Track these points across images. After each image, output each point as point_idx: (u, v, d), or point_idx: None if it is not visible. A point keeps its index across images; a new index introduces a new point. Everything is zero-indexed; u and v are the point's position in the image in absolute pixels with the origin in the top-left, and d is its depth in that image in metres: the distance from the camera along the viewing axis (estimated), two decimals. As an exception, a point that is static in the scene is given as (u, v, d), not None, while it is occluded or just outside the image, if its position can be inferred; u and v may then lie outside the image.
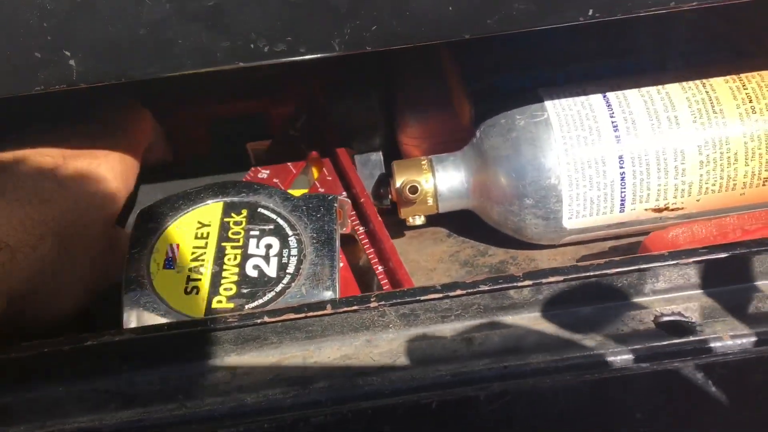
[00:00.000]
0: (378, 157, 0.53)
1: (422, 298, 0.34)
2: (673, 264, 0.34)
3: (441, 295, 0.34)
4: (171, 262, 0.42)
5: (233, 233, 0.43)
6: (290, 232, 0.43)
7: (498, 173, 0.46)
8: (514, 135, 0.45)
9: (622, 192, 0.44)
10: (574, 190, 0.44)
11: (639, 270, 0.35)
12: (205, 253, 0.42)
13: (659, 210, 0.45)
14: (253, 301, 0.40)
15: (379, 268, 0.48)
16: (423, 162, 0.49)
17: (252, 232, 0.43)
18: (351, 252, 0.50)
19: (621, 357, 0.32)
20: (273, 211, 0.44)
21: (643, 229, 0.47)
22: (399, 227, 0.54)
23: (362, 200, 0.50)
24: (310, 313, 0.34)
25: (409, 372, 0.33)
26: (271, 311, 0.35)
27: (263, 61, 0.35)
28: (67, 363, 0.35)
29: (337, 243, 0.43)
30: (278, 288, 0.40)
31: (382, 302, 0.34)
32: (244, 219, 0.44)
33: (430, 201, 0.48)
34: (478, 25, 0.35)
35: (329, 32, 0.34)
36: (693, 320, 0.34)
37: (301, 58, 0.35)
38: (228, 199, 0.44)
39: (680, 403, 0.33)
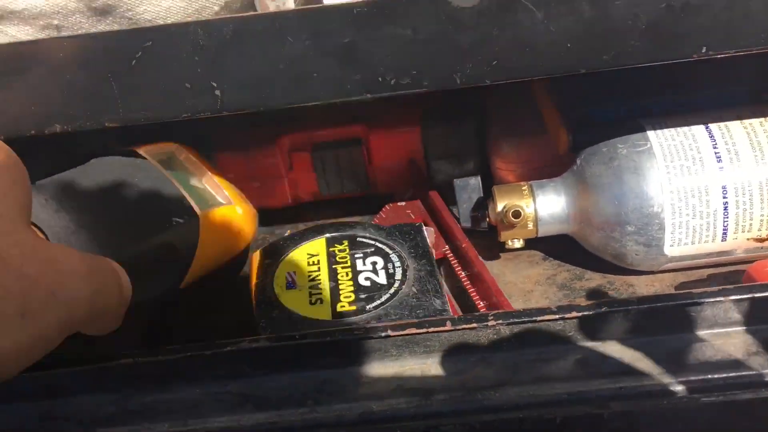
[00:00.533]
0: (476, 181, 0.55)
1: (538, 318, 0.36)
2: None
3: (556, 317, 0.36)
4: (292, 284, 0.46)
5: (340, 257, 0.48)
6: (390, 251, 0.48)
7: (600, 200, 0.47)
8: (617, 163, 0.47)
9: (724, 221, 0.45)
10: (677, 218, 0.45)
11: (751, 299, 0.36)
12: (319, 274, 0.47)
13: (761, 240, 0.46)
14: (372, 303, 0.44)
15: (473, 290, 0.50)
16: (524, 187, 0.51)
17: (356, 255, 0.48)
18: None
19: (740, 380, 0.34)
20: (370, 238, 0.50)
21: (744, 258, 0.48)
22: (494, 249, 0.55)
23: (462, 244, 0.52)
24: (432, 329, 0.37)
25: (526, 389, 0.35)
26: (394, 325, 0.37)
27: (389, 93, 0.38)
28: (206, 367, 0.38)
29: (434, 258, 0.48)
30: (391, 291, 0.45)
31: (500, 321, 0.36)
32: (346, 247, 0.49)
33: (530, 225, 0.50)
34: (594, 61, 0.37)
35: (452, 67, 0.37)
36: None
37: (423, 90, 0.38)
38: (329, 235, 0.51)
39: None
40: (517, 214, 0.49)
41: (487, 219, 0.53)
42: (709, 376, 0.34)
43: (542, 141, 0.56)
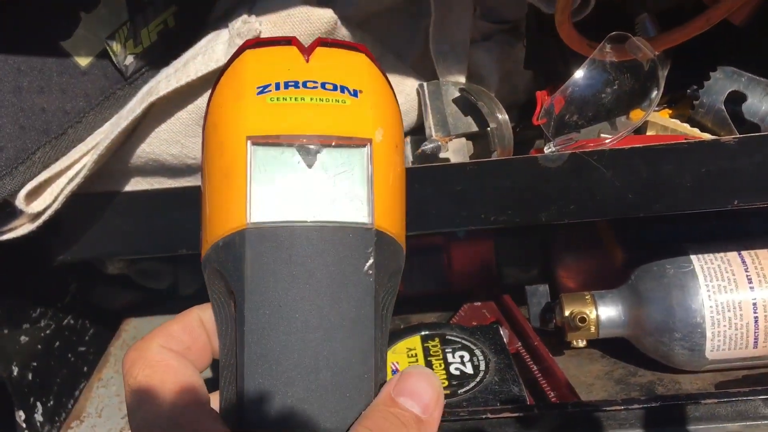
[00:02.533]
0: (545, 288, 0.66)
1: (606, 408, 0.46)
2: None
3: (621, 408, 0.46)
4: (396, 371, 0.56)
5: (433, 352, 0.60)
6: (474, 347, 0.59)
7: (652, 311, 0.57)
8: (666, 281, 0.57)
9: (755, 332, 0.55)
10: (716, 328, 0.55)
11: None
12: (417, 361, 0.57)
13: (788, 348, 0.55)
14: (462, 388, 0.55)
15: (545, 382, 0.60)
16: (587, 296, 0.61)
17: (447, 350, 0.60)
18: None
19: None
20: (457, 336, 0.61)
21: (774, 362, 0.57)
22: (559, 347, 0.65)
23: (535, 342, 0.63)
24: (522, 413, 0.47)
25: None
26: (493, 409, 0.47)
27: (488, 226, 0.49)
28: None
29: (509, 353, 0.59)
30: (477, 379, 0.56)
31: (577, 409, 0.46)
32: (438, 343, 0.61)
33: (593, 329, 0.60)
34: (648, 208, 0.48)
35: (539, 209, 0.48)
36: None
37: (515, 225, 0.49)
38: (423, 333, 0.63)
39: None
40: (583, 320, 0.59)
41: (554, 321, 0.63)
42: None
43: (599, 255, 0.67)
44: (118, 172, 0.47)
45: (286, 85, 0.29)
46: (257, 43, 0.31)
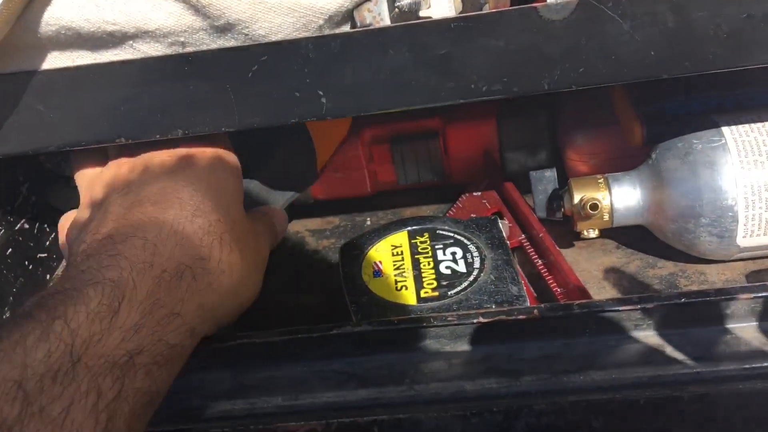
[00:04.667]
0: (552, 173, 0.58)
1: (620, 308, 0.39)
2: None
3: (634, 307, 0.39)
4: (378, 272, 0.50)
5: (422, 248, 0.53)
6: (468, 242, 0.52)
7: (675, 194, 0.49)
8: (692, 158, 0.49)
9: (797, 214, 0.47)
10: (750, 211, 0.48)
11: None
12: (403, 263, 0.51)
13: (834, 231, 0.48)
14: (453, 289, 0.48)
15: (550, 278, 0.53)
16: (600, 180, 0.53)
17: (437, 246, 0.53)
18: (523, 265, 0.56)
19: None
20: (449, 231, 0.54)
21: (816, 248, 0.50)
22: (569, 238, 0.58)
23: (539, 234, 0.55)
24: (520, 316, 0.40)
25: (608, 372, 0.38)
26: (485, 312, 0.40)
27: (480, 98, 0.41)
28: (313, 347, 0.42)
29: (509, 248, 0.52)
30: (470, 278, 0.49)
31: (584, 310, 0.40)
32: (427, 239, 0.53)
33: (606, 217, 0.53)
34: (676, 68, 0.39)
35: (541, 75, 0.40)
36: None
37: (513, 95, 0.41)
38: (410, 228, 0.55)
39: None
40: (594, 207, 0.51)
41: (563, 209, 0.56)
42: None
43: (614, 133, 0.58)
44: (28, 45, 0.39)
45: None
46: None
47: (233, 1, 0.38)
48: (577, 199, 0.53)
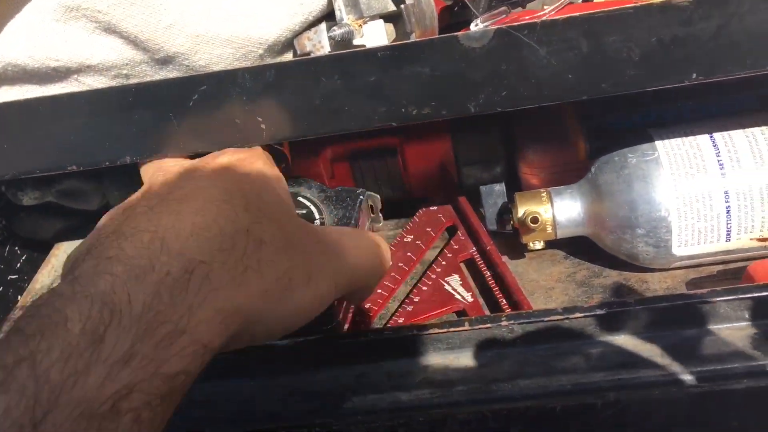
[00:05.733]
0: (501, 188, 0.60)
1: (546, 319, 0.41)
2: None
3: (561, 317, 0.41)
4: None
5: None
6: (317, 216, 0.53)
7: (612, 206, 0.51)
8: (627, 172, 0.51)
9: (728, 223, 0.49)
10: (683, 221, 0.49)
11: (738, 299, 0.40)
12: None
13: (763, 240, 0.50)
14: None
15: (497, 289, 0.55)
16: (542, 194, 0.55)
17: None
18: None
19: (721, 373, 0.38)
20: (309, 199, 0.54)
21: (749, 255, 0.51)
22: (520, 249, 0.60)
23: (487, 247, 0.57)
24: (452, 329, 0.42)
25: (535, 381, 0.40)
26: (419, 326, 0.42)
27: (412, 122, 0.43)
28: (257, 362, 0.44)
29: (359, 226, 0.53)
30: None
31: (512, 321, 0.41)
32: None
33: (549, 229, 0.55)
34: (593, 89, 0.41)
35: (467, 98, 0.42)
36: (788, 343, 0.39)
37: (442, 118, 0.43)
38: None
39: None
40: (535, 220, 0.53)
41: (512, 222, 0.57)
42: (700, 369, 0.39)
43: (564, 147, 0.60)
44: (-23, 82, 0.41)
45: None
46: None
47: (170, 36, 0.40)
48: (521, 212, 0.55)
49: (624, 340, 0.41)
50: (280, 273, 0.35)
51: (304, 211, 0.53)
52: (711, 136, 0.50)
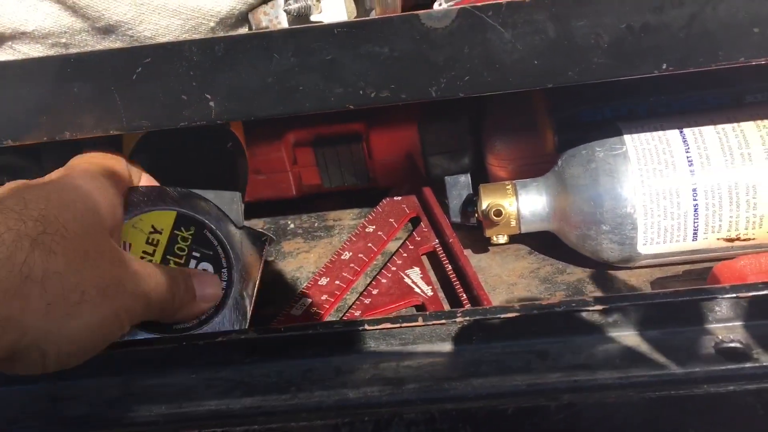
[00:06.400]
0: (466, 179, 0.58)
1: (502, 316, 0.39)
2: (734, 297, 0.38)
3: (518, 314, 0.39)
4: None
5: (179, 248, 0.47)
6: (224, 264, 0.48)
7: (577, 200, 0.50)
8: (594, 166, 0.49)
9: (695, 222, 0.48)
10: (649, 219, 0.48)
11: (703, 300, 0.38)
12: (152, 259, 0.46)
13: (731, 240, 0.48)
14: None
15: (458, 283, 0.53)
16: (507, 186, 0.53)
17: (194, 253, 0.47)
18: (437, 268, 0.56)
19: (681, 378, 0.36)
20: (216, 237, 0.48)
21: (716, 256, 0.50)
22: (484, 243, 0.58)
23: (449, 239, 0.55)
24: (405, 324, 0.40)
25: (489, 380, 0.38)
26: (370, 320, 0.40)
27: (370, 105, 0.41)
28: (201, 355, 0.42)
29: (257, 284, 0.48)
30: (203, 317, 0.46)
31: (467, 318, 0.39)
32: (190, 237, 0.47)
33: (513, 223, 0.53)
34: (560, 77, 0.39)
35: (427, 82, 0.40)
36: (751, 348, 0.37)
37: (402, 102, 0.41)
38: (182, 211, 0.47)
39: (733, 423, 0.36)
40: (498, 213, 0.51)
41: (476, 215, 0.56)
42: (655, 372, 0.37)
43: (533, 139, 0.58)
44: None
45: None
46: None
47: (112, 3, 0.38)
48: (484, 205, 0.53)
49: (582, 341, 0.39)
50: (69, 286, 0.34)
51: (211, 253, 0.47)
52: (681, 132, 0.49)
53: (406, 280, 0.55)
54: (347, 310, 0.54)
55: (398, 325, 0.40)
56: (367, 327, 0.40)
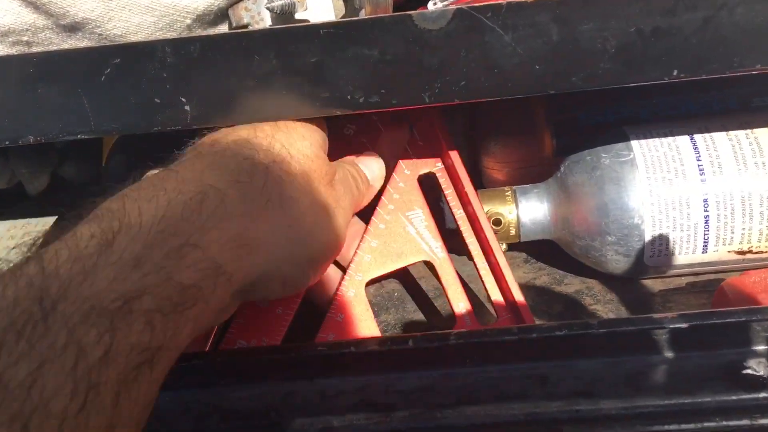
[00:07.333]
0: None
1: (498, 339, 0.37)
2: (750, 320, 0.35)
3: (517, 338, 0.37)
4: None
5: None
6: None
7: (581, 210, 0.47)
8: (599, 173, 0.46)
9: (705, 234, 0.45)
10: (657, 230, 0.45)
11: (715, 324, 0.36)
12: None
13: (742, 253, 0.46)
14: None
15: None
16: (507, 193, 0.50)
17: None
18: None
19: (691, 409, 0.34)
20: None
21: (724, 268, 0.47)
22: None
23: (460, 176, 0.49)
24: (393, 347, 0.37)
25: (484, 408, 0.35)
26: (356, 342, 0.38)
27: (358, 111, 0.38)
28: (177, 376, 0.39)
29: None
30: None
31: (461, 340, 0.37)
32: None
33: (513, 231, 0.50)
34: (563, 83, 0.36)
35: (420, 87, 0.37)
36: (764, 375, 0.34)
37: (393, 108, 0.38)
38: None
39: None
40: (497, 222, 0.49)
41: (472, 221, 0.53)
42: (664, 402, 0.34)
43: (530, 142, 0.55)
44: None
45: None
46: None
47: (77, -1, 0.34)
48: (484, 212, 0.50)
49: (585, 365, 0.37)
50: (306, 210, 0.36)
51: None
52: (692, 138, 0.46)
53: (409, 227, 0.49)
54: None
55: (387, 347, 0.37)
56: (353, 349, 0.37)
